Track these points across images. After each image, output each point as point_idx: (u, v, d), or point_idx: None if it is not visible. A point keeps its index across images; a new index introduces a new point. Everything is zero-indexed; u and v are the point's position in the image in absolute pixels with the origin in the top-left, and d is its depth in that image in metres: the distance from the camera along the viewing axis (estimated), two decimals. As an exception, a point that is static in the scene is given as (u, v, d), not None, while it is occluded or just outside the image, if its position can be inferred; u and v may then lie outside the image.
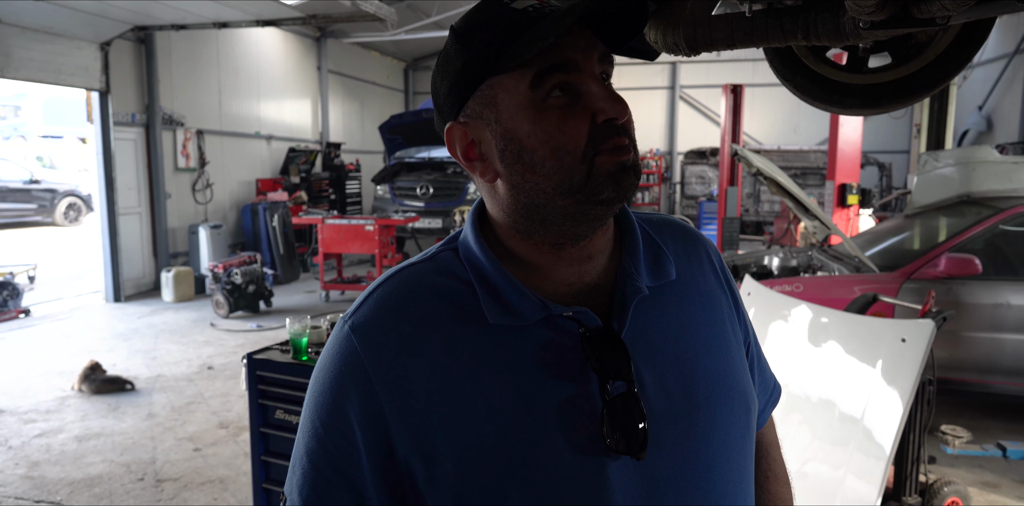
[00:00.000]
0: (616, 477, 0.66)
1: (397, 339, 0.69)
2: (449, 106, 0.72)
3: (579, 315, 0.69)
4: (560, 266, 0.72)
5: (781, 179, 4.45)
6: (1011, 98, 11.16)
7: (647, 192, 16.30)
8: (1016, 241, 4.23)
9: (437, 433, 0.66)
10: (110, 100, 7.79)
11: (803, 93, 1.60)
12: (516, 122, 0.68)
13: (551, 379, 0.67)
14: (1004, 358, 3.93)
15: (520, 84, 0.67)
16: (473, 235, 0.74)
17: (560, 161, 0.67)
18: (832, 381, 2.75)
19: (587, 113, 0.67)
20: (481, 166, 0.72)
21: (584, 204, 0.68)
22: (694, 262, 0.81)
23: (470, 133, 0.71)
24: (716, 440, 0.72)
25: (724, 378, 0.75)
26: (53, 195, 14.76)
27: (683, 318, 0.75)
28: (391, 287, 0.73)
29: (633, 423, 0.66)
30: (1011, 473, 3.56)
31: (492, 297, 0.69)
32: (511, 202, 0.71)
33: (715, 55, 16.15)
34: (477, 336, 0.68)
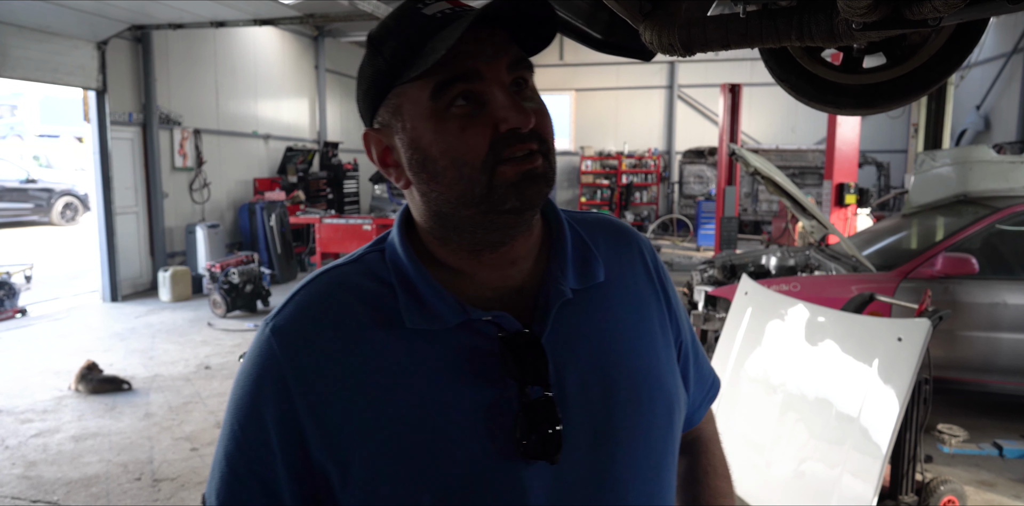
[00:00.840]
0: (531, 481, 0.66)
1: (316, 342, 0.69)
2: (365, 112, 0.73)
3: (498, 319, 0.69)
4: (482, 271, 0.72)
5: (778, 178, 4.46)
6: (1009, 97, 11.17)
7: (645, 192, 16.31)
8: (1013, 240, 4.24)
9: (351, 438, 0.66)
10: (107, 99, 7.78)
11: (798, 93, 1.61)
12: (419, 132, 0.68)
13: (468, 384, 0.67)
14: (1001, 357, 3.94)
15: (422, 94, 0.67)
16: (398, 237, 0.74)
17: (460, 171, 0.67)
18: (829, 380, 2.75)
19: (489, 122, 0.66)
20: (395, 172, 0.72)
21: (489, 214, 0.68)
22: (625, 262, 0.81)
23: (384, 140, 0.72)
24: (635, 442, 0.72)
25: (647, 380, 0.75)
26: (50, 194, 14.73)
27: (609, 320, 0.75)
28: (314, 290, 0.73)
29: (547, 427, 0.66)
30: (1007, 472, 3.57)
31: (411, 301, 0.69)
32: (424, 209, 0.72)
33: (713, 54, 16.12)
34: (395, 341, 0.68)
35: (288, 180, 10.82)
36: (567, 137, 17.44)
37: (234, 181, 10.15)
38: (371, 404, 0.66)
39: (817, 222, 4.84)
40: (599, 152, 16.73)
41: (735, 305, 3.35)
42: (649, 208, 16.21)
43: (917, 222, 4.86)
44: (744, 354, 3.18)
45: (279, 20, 8.10)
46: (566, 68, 17.16)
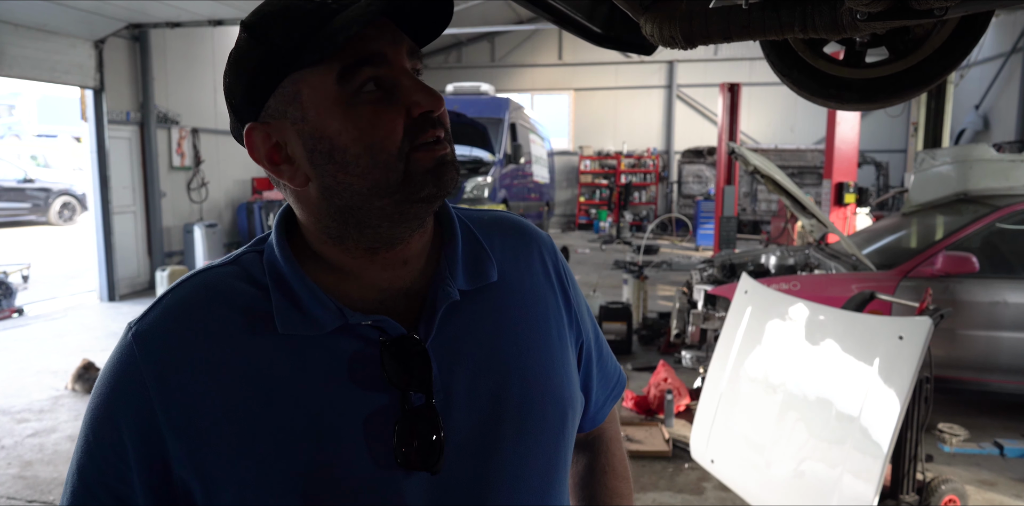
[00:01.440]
0: (410, 492, 0.64)
1: (181, 350, 0.64)
2: (247, 106, 0.67)
3: (380, 323, 0.65)
4: (372, 271, 0.69)
5: (778, 177, 4.44)
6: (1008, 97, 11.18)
7: (644, 191, 16.32)
8: (1013, 239, 4.23)
9: (217, 451, 0.62)
10: (104, 98, 7.76)
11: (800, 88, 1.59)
12: (325, 119, 0.63)
13: (347, 391, 0.64)
14: (1001, 356, 3.93)
15: (326, 79, 0.63)
16: (276, 238, 0.69)
17: (375, 159, 0.63)
18: (829, 379, 2.74)
19: (401, 107, 0.64)
20: (289, 170, 0.66)
21: (403, 204, 0.65)
22: (522, 262, 0.78)
23: (273, 135, 0.66)
24: (523, 449, 0.70)
25: (540, 382, 0.72)
26: (47, 194, 14.70)
27: (501, 321, 0.72)
28: (182, 292, 0.68)
29: (428, 435, 0.63)
30: (1008, 471, 3.55)
31: (286, 304, 0.65)
32: (323, 206, 0.66)
33: (712, 53, 16.16)
34: (268, 347, 0.64)
35: (286, 179, 10.80)
36: (566, 137, 17.44)
37: (232, 180, 10.13)
38: (240, 415, 0.62)
39: (817, 221, 4.83)
40: (598, 152, 16.73)
41: (735, 304, 3.34)
42: (648, 208, 16.21)
43: (917, 221, 4.85)
44: (744, 353, 3.16)
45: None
46: (565, 68, 17.15)
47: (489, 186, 9.99)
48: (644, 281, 6.61)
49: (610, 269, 9.99)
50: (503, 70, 17.33)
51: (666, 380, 4.36)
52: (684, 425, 4.03)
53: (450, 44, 17.47)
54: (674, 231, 14.82)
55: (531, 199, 12.39)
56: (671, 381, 4.35)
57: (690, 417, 3.88)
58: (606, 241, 13.34)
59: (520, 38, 17.19)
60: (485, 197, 9.86)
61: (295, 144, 0.65)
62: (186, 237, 8.85)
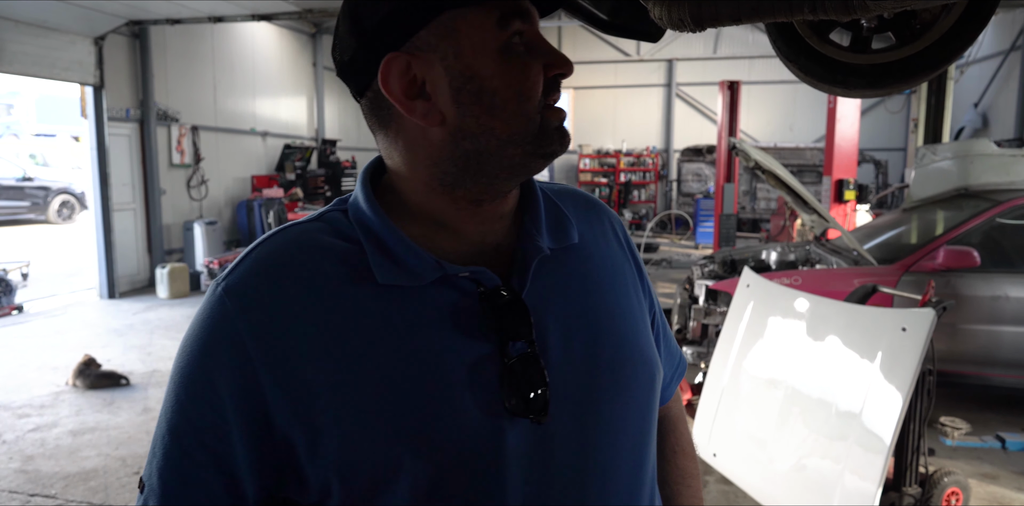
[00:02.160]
0: (514, 441, 0.63)
1: (278, 301, 0.63)
2: (387, 35, 0.64)
3: (477, 274, 0.66)
4: (471, 224, 0.70)
5: (780, 172, 4.45)
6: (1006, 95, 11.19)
7: (643, 190, 16.31)
8: (1014, 234, 4.23)
9: (323, 400, 0.62)
10: (104, 95, 7.74)
11: (807, 74, 1.59)
12: (480, 60, 0.63)
13: (448, 341, 0.64)
14: (1002, 350, 3.93)
15: (487, 21, 0.63)
16: (364, 193, 0.70)
17: (521, 106, 0.64)
18: (832, 373, 2.74)
19: (541, 65, 0.65)
20: (423, 106, 0.65)
21: (529, 156, 0.66)
22: (596, 229, 0.80)
23: (415, 68, 0.64)
24: (619, 404, 0.70)
25: (628, 342, 0.73)
26: (46, 193, 14.67)
27: (588, 282, 0.73)
28: (272, 246, 0.67)
29: (533, 385, 0.64)
30: (1010, 465, 3.56)
31: (382, 256, 0.65)
32: (449, 149, 0.66)
33: (711, 52, 16.16)
34: (367, 297, 0.64)
35: (286, 177, 10.80)
36: (565, 135, 17.38)
37: (232, 178, 10.12)
38: (344, 363, 0.62)
39: (818, 216, 4.83)
40: (597, 150, 16.72)
41: (737, 298, 3.34)
42: (647, 206, 16.21)
43: (918, 216, 4.85)
44: (746, 348, 3.16)
45: (277, 15, 8.08)
46: (564, 66, 17.09)
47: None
48: (644, 278, 6.60)
49: (610, 267, 9.98)
50: (502, 69, 17.28)
51: (668, 375, 4.35)
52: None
53: (449, 43, 17.42)
54: (674, 229, 14.83)
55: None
56: (673, 376, 4.34)
57: (692, 413, 3.88)
58: (606, 239, 13.31)
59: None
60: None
61: (439, 81, 0.64)
62: (186, 235, 8.84)
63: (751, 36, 15.63)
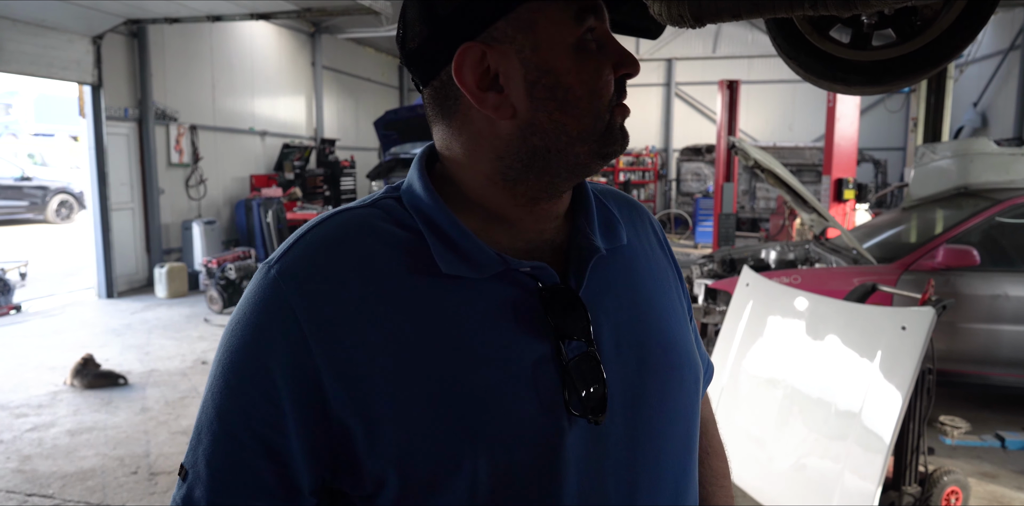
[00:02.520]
0: (572, 441, 0.63)
1: (336, 284, 0.62)
2: (463, 23, 0.63)
3: (537, 270, 0.65)
4: (528, 221, 0.69)
5: (779, 171, 4.44)
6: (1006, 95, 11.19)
7: (643, 189, 16.30)
8: (1013, 232, 4.23)
9: (383, 391, 0.60)
10: (102, 94, 7.73)
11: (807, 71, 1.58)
12: (557, 55, 0.63)
13: (509, 337, 0.63)
14: (1002, 349, 3.92)
15: (564, 16, 0.63)
16: (421, 183, 0.68)
17: (593, 104, 0.64)
18: (831, 372, 2.73)
19: (611, 64, 0.65)
20: (496, 99, 0.64)
21: (593, 155, 0.66)
22: (640, 230, 0.80)
23: (491, 59, 0.63)
24: (668, 406, 0.70)
25: (676, 345, 0.73)
26: (45, 192, 14.65)
27: (635, 282, 0.73)
28: (328, 228, 0.66)
29: (591, 386, 0.63)
30: (1009, 464, 3.55)
31: (445, 246, 0.64)
32: (516, 143, 0.65)
33: (711, 51, 16.15)
34: (428, 287, 0.63)
35: (285, 177, 10.79)
36: (564, 135, 17.41)
37: (230, 177, 10.11)
38: (406, 353, 0.61)
39: (817, 215, 4.83)
40: (596, 150, 16.69)
41: (736, 297, 3.33)
42: (647, 206, 16.19)
43: (917, 215, 4.85)
44: (745, 347, 3.15)
45: (276, 14, 8.07)
46: (563, 66, 17.10)
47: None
48: (644, 277, 6.59)
49: (609, 266, 9.98)
50: (501, 68, 17.28)
51: (667, 374, 4.34)
52: (685, 419, 4.02)
53: (448, 42, 17.42)
54: (673, 228, 14.82)
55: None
56: (672, 375, 4.34)
57: (691, 411, 3.88)
58: (605, 239, 13.32)
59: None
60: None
61: (514, 73, 0.63)
62: (184, 234, 8.83)
63: (751, 35, 15.63)
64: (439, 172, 0.71)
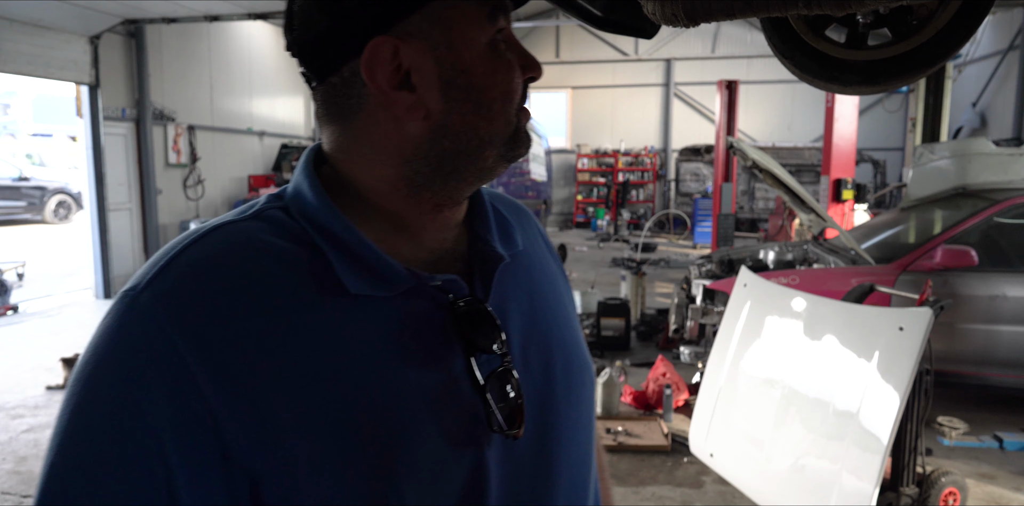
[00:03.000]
0: (491, 458, 0.60)
1: (226, 313, 0.53)
2: (374, 15, 0.58)
3: (448, 284, 0.61)
4: (430, 229, 0.65)
5: (777, 171, 4.43)
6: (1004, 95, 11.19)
7: (641, 189, 16.30)
8: (1012, 233, 4.22)
9: (291, 433, 0.52)
10: (100, 94, 7.72)
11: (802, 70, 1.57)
12: (473, 54, 0.59)
13: (422, 357, 0.59)
14: (1000, 350, 3.92)
15: (481, 14, 0.60)
16: (313, 191, 0.61)
17: (506, 107, 0.61)
18: (829, 373, 2.72)
19: (519, 66, 0.63)
20: (407, 99, 0.59)
21: (500, 158, 0.63)
22: (529, 234, 0.77)
23: (404, 55, 0.58)
24: (573, 411, 0.69)
25: (575, 349, 0.72)
26: (42, 192, 14.64)
27: (533, 288, 0.71)
28: (208, 247, 0.57)
29: (509, 400, 0.60)
30: (1008, 464, 3.54)
31: (350, 263, 0.58)
32: (425, 147, 0.61)
33: (710, 51, 16.15)
34: (334, 309, 0.56)
35: (283, 177, 10.78)
36: (563, 135, 17.42)
37: (228, 178, 10.10)
38: (315, 388, 0.54)
39: (816, 215, 4.82)
40: (595, 150, 16.72)
41: (734, 297, 3.32)
42: (645, 206, 16.20)
43: (916, 215, 4.84)
44: (743, 348, 3.14)
45: (274, 14, 8.06)
46: (562, 65, 17.12)
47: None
48: (642, 278, 6.60)
49: (608, 267, 9.98)
50: (500, 68, 17.29)
51: (665, 375, 4.34)
52: (683, 420, 4.01)
53: (447, 42, 17.44)
54: (672, 229, 14.82)
55: (528, 197, 12.39)
56: (670, 376, 4.33)
57: (689, 412, 3.87)
58: (604, 239, 13.34)
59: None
60: (482, 194, 9.85)
61: (428, 72, 0.59)
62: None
63: (749, 35, 15.63)
64: (329, 176, 0.64)
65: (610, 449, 3.65)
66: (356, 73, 0.59)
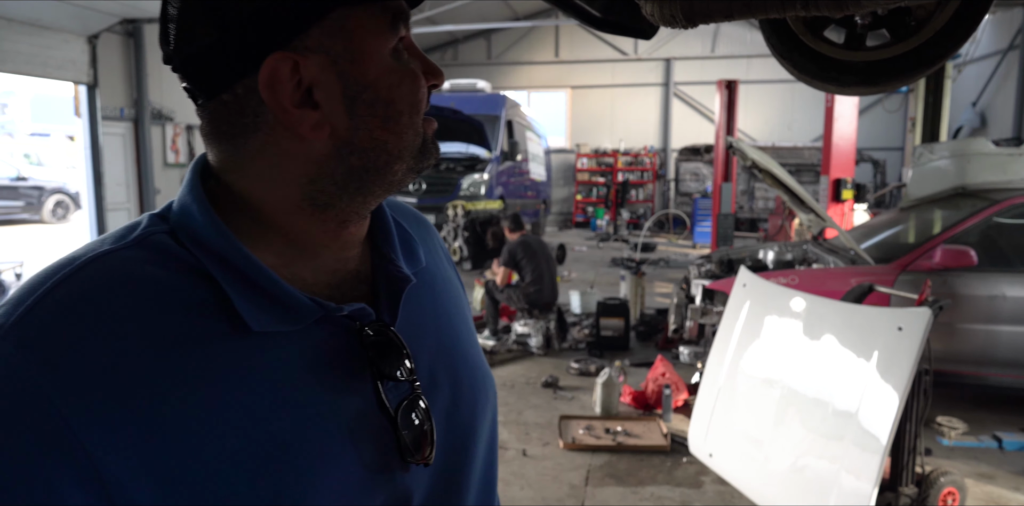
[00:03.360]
0: (408, 488, 0.59)
1: (109, 360, 0.47)
2: (269, 29, 0.53)
3: (355, 312, 0.58)
4: (333, 249, 0.61)
5: (776, 171, 4.43)
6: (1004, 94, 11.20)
7: (641, 189, 16.31)
8: (1011, 233, 4.23)
9: (194, 485, 0.49)
10: (98, 94, 7.72)
11: (801, 71, 1.57)
12: (377, 67, 0.56)
13: (328, 390, 0.56)
14: (1000, 350, 3.92)
15: (381, 24, 0.56)
16: (203, 213, 0.55)
17: (413, 119, 0.59)
18: (828, 373, 2.73)
19: (419, 74, 0.59)
20: (310, 117, 0.55)
21: (409, 172, 0.60)
22: (431, 247, 0.75)
23: (304, 71, 0.54)
24: (479, 423, 0.69)
25: (479, 366, 0.72)
26: (40, 192, 14.64)
27: (438, 306, 0.70)
28: (82, 284, 0.50)
29: (420, 426, 0.59)
30: (1007, 464, 3.54)
31: (251, 296, 0.54)
32: (331, 165, 0.57)
33: (709, 51, 16.16)
34: (232, 350, 0.52)
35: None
36: (563, 135, 17.43)
37: (228, 178, 10.11)
38: (216, 436, 0.50)
39: (815, 215, 4.82)
40: (595, 150, 16.72)
41: (733, 297, 3.33)
42: (645, 206, 16.21)
43: (915, 215, 4.84)
44: (742, 347, 3.15)
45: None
46: (561, 65, 17.13)
47: (486, 183, 9.97)
48: (641, 278, 6.60)
49: (607, 266, 9.98)
50: (500, 68, 17.31)
51: (664, 375, 4.34)
52: (682, 420, 4.01)
53: (447, 41, 17.44)
54: (671, 228, 14.82)
55: (528, 197, 12.38)
56: (669, 376, 4.34)
57: (688, 412, 3.87)
58: (603, 239, 13.34)
59: (517, 35, 17.18)
60: (482, 194, 9.84)
61: (331, 88, 0.55)
62: (181, 234, 8.83)
63: (749, 35, 15.64)
64: (218, 194, 0.59)
65: (609, 449, 3.65)
66: (252, 90, 0.54)
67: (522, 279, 5.68)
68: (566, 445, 3.67)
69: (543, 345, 5.50)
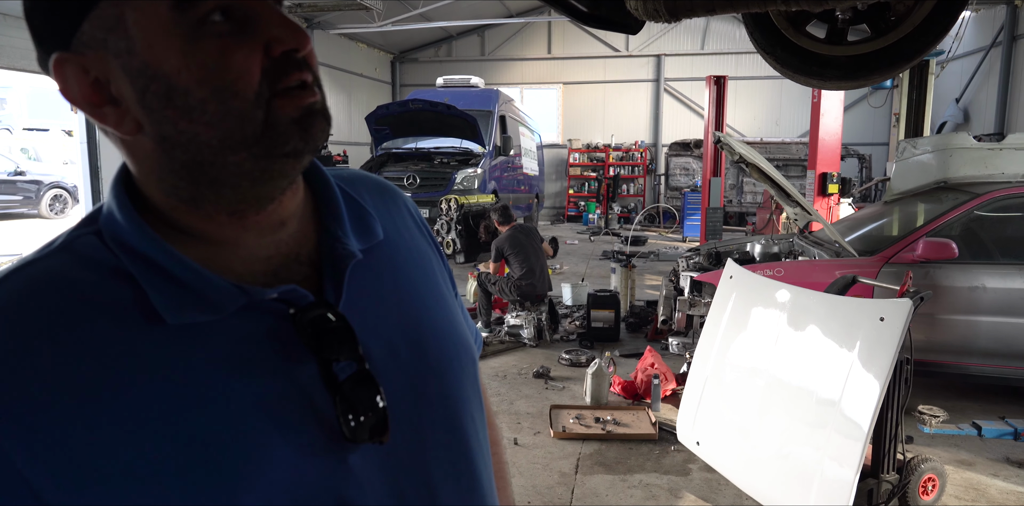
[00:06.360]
0: (360, 468, 0.57)
1: (25, 362, 0.49)
2: (52, 30, 0.52)
3: (286, 294, 0.56)
4: (248, 239, 0.58)
5: (763, 165, 4.50)
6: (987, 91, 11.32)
7: (632, 184, 16.39)
8: (991, 226, 4.31)
9: (116, 490, 0.49)
10: (90, 88, 7.70)
11: (783, 65, 1.63)
12: (159, 54, 0.50)
13: (263, 378, 0.54)
14: (980, 339, 4.00)
15: (158, 6, 0.50)
16: (122, 212, 0.55)
17: (225, 105, 0.51)
18: (812, 362, 2.78)
19: (259, 44, 0.52)
20: (114, 114, 0.53)
21: (264, 159, 0.54)
22: (397, 218, 0.72)
23: (91, 69, 0.52)
24: (452, 400, 0.66)
25: (450, 335, 0.69)
26: (38, 187, 14.54)
27: (400, 278, 0.67)
28: (7, 293, 0.52)
29: (371, 405, 0.56)
30: (986, 451, 3.63)
31: (167, 290, 0.53)
32: (164, 161, 0.54)
33: (699, 48, 16.22)
34: (154, 344, 0.52)
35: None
36: (555, 130, 17.47)
37: (219, 172, 10.07)
38: (142, 434, 0.50)
39: (801, 209, 4.89)
40: (587, 145, 16.78)
41: (720, 289, 3.38)
42: (636, 200, 16.29)
43: (898, 208, 4.92)
44: (729, 338, 3.21)
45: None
46: (554, 61, 17.16)
47: (479, 177, 10.00)
48: (632, 270, 6.67)
49: (598, 259, 10.05)
50: (493, 64, 17.32)
51: (653, 365, 4.40)
52: (670, 409, 4.08)
53: (440, 38, 17.43)
54: (661, 222, 14.90)
55: (521, 191, 12.42)
56: (658, 366, 4.40)
57: (676, 402, 3.93)
58: (595, 232, 13.41)
59: (510, 32, 17.19)
60: (475, 188, 9.88)
61: (121, 82, 0.52)
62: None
63: (738, 32, 15.71)
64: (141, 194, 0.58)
65: (599, 438, 3.71)
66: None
67: (512, 273, 5.73)
68: (556, 434, 3.73)
69: (535, 336, 5.55)
